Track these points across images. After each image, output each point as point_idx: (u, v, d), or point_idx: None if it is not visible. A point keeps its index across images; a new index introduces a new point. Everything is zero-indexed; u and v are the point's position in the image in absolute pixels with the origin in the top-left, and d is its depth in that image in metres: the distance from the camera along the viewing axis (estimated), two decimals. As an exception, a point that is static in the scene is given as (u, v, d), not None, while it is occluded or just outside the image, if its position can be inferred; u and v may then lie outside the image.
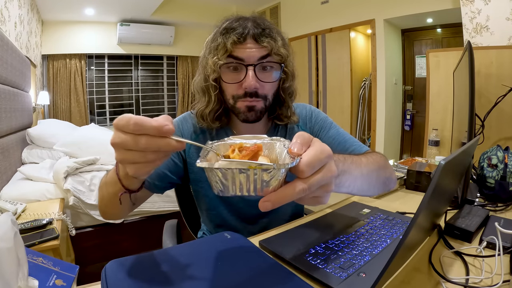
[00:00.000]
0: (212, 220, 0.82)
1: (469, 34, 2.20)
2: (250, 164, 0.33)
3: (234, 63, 0.63)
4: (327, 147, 0.38)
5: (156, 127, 0.34)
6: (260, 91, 0.65)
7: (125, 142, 0.35)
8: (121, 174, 0.48)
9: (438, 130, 1.61)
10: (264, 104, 0.68)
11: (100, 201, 0.61)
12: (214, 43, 0.66)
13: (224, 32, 0.64)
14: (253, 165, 0.33)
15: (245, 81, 0.63)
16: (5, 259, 0.36)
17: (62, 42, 4.17)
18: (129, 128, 0.34)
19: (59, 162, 1.87)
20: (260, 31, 0.64)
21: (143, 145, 0.35)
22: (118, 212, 0.61)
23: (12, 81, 1.99)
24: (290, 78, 0.72)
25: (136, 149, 0.35)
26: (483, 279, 0.51)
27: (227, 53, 0.63)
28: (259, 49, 0.63)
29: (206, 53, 0.69)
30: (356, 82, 3.87)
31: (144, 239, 1.92)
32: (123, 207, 0.58)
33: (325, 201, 0.39)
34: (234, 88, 0.66)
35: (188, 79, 5.20)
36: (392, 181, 0.69)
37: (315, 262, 0.55)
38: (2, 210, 1.38)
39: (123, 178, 0.48)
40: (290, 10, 4.47)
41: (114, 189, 0.51)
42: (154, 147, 0.35)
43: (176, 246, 0.60)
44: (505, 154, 0.89)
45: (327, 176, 0.36)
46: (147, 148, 0.35)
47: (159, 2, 3.90)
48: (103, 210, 0.62)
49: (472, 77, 0.80)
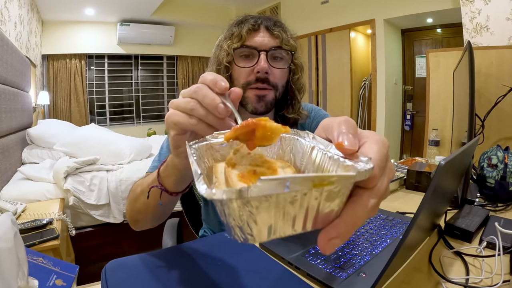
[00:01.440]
0: (213, 218, 0.82)
1: (469, 34, 2.20)
2: (314, 178, 0.17)
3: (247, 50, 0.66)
4: (381, 136, 0.26)
5: (212, 78, 0.33)
6: (271, 79, 0.67)
7: (183, 93, 0.34)
8: (161, 168, 0.46)
9: (438, 130, 1.61)
10: (274, 95, 0.69)
11: (132, 207, 0.57)
12: (228, 32, 0.68)
13: (239, 23, 0.68)
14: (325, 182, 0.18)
15: (258, 64, 0.65)
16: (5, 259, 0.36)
17: (62, 42, 4.18)
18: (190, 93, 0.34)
19: (59, 162, 1.87)
20: (272, 22, 0.68)
21: (195, 88, 0.33)
22: (153, 219, 0.57)
23: (12, 81, 1.99)
24: (299, 71, 0.73)
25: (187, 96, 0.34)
26: (483, 279, 0.51)
27: (241, 40, 0.66)
28: (271, 38, 0.66)
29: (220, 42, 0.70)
30: (356, 82, 3.87)
31: (144, 239, 1.92)
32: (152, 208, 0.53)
33: (375, 213, 0.24)
34: (246, 74, 0.67)
35: (188, 79, 5.20)
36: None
37: (315, 262, 0.55)
38: (2, 210, 1.38)
39: (162, 172, 0.45)
40: (290, 10, 4.47)
41: (154, 194, 0.48)
42: (201, 95, 0.33)
43: (176, 246, 0.60)
44: (505, 154, 0.89)
45: (390, 176, 0.25)
46: (195, 92, 0.33)
47: (159, 2, 3.90)
48: (135, 219, 0.58)
49: (472, 77, 0.80)
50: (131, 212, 0.58)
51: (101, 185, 1.85)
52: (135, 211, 0.56)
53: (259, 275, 0.50)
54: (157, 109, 5.27)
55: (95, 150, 2.03)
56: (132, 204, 0.56)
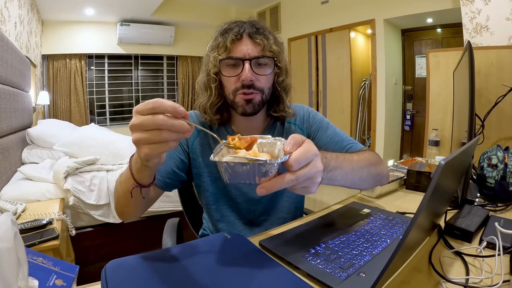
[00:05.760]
0: (211, 215, 0.84)
1: (469, 34, 2.20)
2: (250, 159, 0.41)
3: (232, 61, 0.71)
4: (314, 147, 0.46)
5: (172, 105, 0.41)
6: (257, 84, 0.72)
7: (143, 122, 0.41)
8: (133, 168, 0.52)
9: (438, 130, 1.61)
10: (261, 97, 0.74)
11: (117, 202, 0.64)
12: (215, 42, 0.74)
13: (224, 32, 0.72)
14: (252, 160, 0.41)
15: (242, 74, 0.69)
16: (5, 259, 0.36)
17: (62, 42, 4.17)
18: (147, 109, 0.40)
19: (59, 162, 1.87)
20: (254, 30, 0.71)
21: (160, 121, 0.40)
22: (134, 210, 0.65)
23: (12, 81, 1.99)
24: (284, 73, 0.78)
25: (153, 127, 0.40)
26: (483, 279, 0.51)
27: (226, 50, 0.70)
28: (254, 46, 0.71)
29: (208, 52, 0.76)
30: (356, 82, 3.87)
31: (144, 239, 1.92)
32: (135, 203, 0.61)
33: (313, 191, 0.47)
34: (233, 82, 0.72)
35: (188, 79, 5.20)
36: (384, 176, 0.74)
37: (315, 262, 0.55)
38: (2, 210, 1.38)
39: (136, 172, 0.52)
40: (290, 10, 4.47)
41: (127, 185, 0.55)
42: (169, 125, 0.40)
43: (176, 246, 0.60)
44: (505, 154, 0.89)
45: (312, 170, 0.45)
46: (163, 125, 0.40)
47: (159, 2, 3.90)
48: (121, 210, 0.66)
49: (472, 77, 0.80)
50: (117, 206, 0.65)
51: (101, 185, 1.84)
52: (120, 205, 0.64)
53: (259, 275, 0.50)
54: (157, 109, 5.27)
55: (95, 150, 2.03)
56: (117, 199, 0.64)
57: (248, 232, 0.82)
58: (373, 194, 0.95)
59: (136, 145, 0.44)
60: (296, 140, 0.45)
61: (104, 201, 1.82)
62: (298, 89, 4.47)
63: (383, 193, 0.97)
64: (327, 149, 0.81)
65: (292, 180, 0.43)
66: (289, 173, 0.43)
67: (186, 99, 5.22)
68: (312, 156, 0.45)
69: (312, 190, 0.47)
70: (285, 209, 0.85)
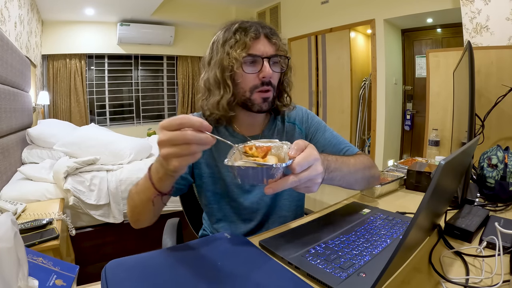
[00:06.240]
0: (213, 214, 0.84)
1: (469, 34, 2.20)
2: (259, 164, 0.46)
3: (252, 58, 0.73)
4: (315, 152, 0.51)
5: (199, 121, 0.44)
6: (272, 81, 0.75)
7: (172, 137, 0.44)
8: (155, 178, 0.55)
9: (438, 130, 1.61)
10: (273, 94, 0.77)
11: (132, 211, 0.67)
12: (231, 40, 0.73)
13: (241, 31, 0.73)
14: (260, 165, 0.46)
15: (263, 71, 0.72)
16: (5, 259, 0.36)
17: (62, 42, 4.17)
18: (175, 125, 0.44)
19: (59, 162, 1.87)
20: (268, 30, 0.75)
21: (190, 136, 0.44)
22: (151, 217, 0.67)
23: (12, 81, 1.99)
24: (290, 70, 0.83)
25: (182, 142, 0.44)
26: (483, 279, 0.51)
27: (246, 48, 0.71)
28: (270, 45, 0.74)
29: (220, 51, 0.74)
30: (356, 82, 3.87)
31: (144, 239, 1.92)
32: (155, 210, 0.64)
33: (314, 190, 0.52)
34: (251, 79, 0.73)
35: (188, 79, 5.20)
36: (376, 179, 0.81)
37: (315, 262, 0.55)
38: (2, 210, 1.38)
39: (157, 182, 0.55)
40: (290, 10, 4.47)
41: (147, 195, 0.58)
42: (197, 139, 0.44)
43: (176, 246, 0.60)
44: (505, 154, 0.89)
45: (312, 173, 0.50)
46: (192, 139, 0.44)
47: (159, 2, 3.90)
48: (136, 219, 0.68)
49: (472, 77, 0.80)
50: (132, 214, 0.67)
51: (101, 185, 1.84)
52: (136, 214, 0.66)
53: (259, 275, 0.50)
54: (157, 109, 5.27)
55: (95, 150, 2.03)
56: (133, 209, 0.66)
57: (249, 231, 0.83)
58: (373, 194, 0.95)
59: (165, 159, 0.47)
60: (299, 146, 0.50)
61: (104, 201, 1.82)
62: (298, 89, 4.47)
63: (383, 193, 0.98)
64: (325, 150, 0.84)
65: (295, 181, 0.48)
66: (293, 175, 0.48)
67: (186, 99, 5.22)
68: (313, 160, 0.50)
69: (313, 190, 0.52)
70: (286, 208, 0.86)
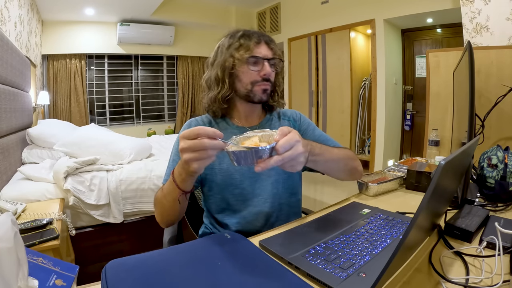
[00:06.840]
0: (218, 204, 0.89)
1: (469, 34, 2.20)
2: (248, 147, 0.55)
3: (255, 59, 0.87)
4: (296, 136, 0.58)
5: (212, 130, 0.56)
6: (271, 78, 0.90)
7: (192, 145, 0.56)
8: (178, 180, 0.67)
9: (438, 130, 1.60)
10: (271, 89, 0.91)
11: (161, 214, 0.78)
12: (236, 43, 0.88)
13: (245, 37, 0.88)
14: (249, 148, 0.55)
15: (264, 69, 0.87)
16: (5, 259, 0.36)
17: (62, 42, 4.18)
18: (194, 134, 0.56)
19: (59, 162, 1.87)
20: (267, 38, 0.91)
21: (207, 143, 0.55)
22: (178, 215, 0.78)
23: (12, 81, 1.99)
24: (282, 71, 0.98)
25: (200, 148, 0.56)
26: (483, 279, 0.51)
27: (249, 51, 0.87)
28: (269, 50, 0.90)
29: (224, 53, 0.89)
30: (356, 82, 3.87)
31: (144, 239, 1.92)
32: (181, 208, 0.75)
33: (298, 169, 0.59)
34: (253, 76, 0.87)
35: (188, 79, 5.20)
36: (358, 172, 0.88)
37: (315, 262, 0.55)
38: (2, 210, 1.38)
39: (181, 183, 0.67)
40: (290, 10, 4.47)
41: (173, 196, 0.70)
42: (212, 145, 0.56)
43: (176, 246, 0.60)
44: (505, 154, 0.89)
45: (294, 153, 0.57)
46: (208, 146, 0.55)
47: (159, 2, 3.90)
48: (166, 219, 0.79)
49: (472, 77, 0.80)
50: (162, 216, 0.78)
51: (101, 185, 1.84)
52: (166, 215, 0.78)
53: (259, 275, 0.50)
54: (157, 109, 5.27)
55: (95, 150, 2.03)
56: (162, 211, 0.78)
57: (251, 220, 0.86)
58: (369, 192, 0.98)
59: (187, 163, 0.58)
60: (283, 131, 0.59)
61: (104, 201, 1.82)
62: (298, 89, 4.48)
63: (380, 192, 0.99)
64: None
65: (279, 160, 0.56)
66: (277, 155, 0.56)
67: (186, 99, 5.22)
68: (294, 142, 0.57)
69: (297, 168, 0.60)
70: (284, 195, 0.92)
